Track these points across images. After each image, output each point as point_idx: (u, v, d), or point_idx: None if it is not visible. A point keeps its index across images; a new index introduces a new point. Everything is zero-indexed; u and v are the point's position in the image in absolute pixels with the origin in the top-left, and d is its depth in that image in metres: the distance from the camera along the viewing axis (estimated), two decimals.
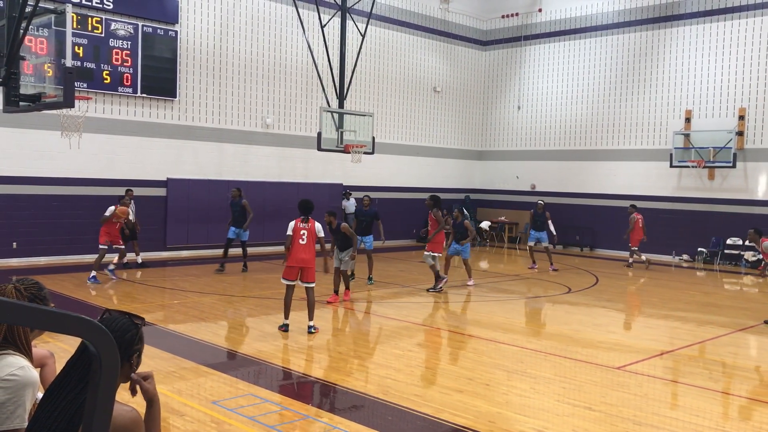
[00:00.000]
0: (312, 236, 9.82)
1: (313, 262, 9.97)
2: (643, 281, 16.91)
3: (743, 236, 20.15)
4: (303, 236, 9.78)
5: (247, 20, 19.59)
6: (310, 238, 9.81)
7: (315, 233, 9.84)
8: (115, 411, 1.87)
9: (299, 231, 9.81)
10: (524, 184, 25.37)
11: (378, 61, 23.09)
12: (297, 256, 9.78)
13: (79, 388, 2.26)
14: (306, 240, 9.79)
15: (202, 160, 18.76)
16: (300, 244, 9.78)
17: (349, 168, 21.12)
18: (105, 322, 2.49)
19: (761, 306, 13.73)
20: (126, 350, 2.51)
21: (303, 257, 9.79)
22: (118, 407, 2.29)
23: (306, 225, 9.85)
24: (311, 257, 9.88)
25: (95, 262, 13.70)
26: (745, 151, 20.11)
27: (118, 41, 16.86)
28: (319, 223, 9.98)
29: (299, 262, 9.81)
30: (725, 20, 20.71)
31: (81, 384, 2.25)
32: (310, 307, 9.94)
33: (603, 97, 23.40)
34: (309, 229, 9.82)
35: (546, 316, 12.45)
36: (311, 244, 9.85)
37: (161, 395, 6.76)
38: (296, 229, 9.83)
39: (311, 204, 10.07)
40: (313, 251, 9.91)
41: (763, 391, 7.66)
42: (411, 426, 6.33)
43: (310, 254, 9.86)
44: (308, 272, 9.88)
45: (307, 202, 10.06)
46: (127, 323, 2.57)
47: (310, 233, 9.81)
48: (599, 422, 6.40)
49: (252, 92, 19.78)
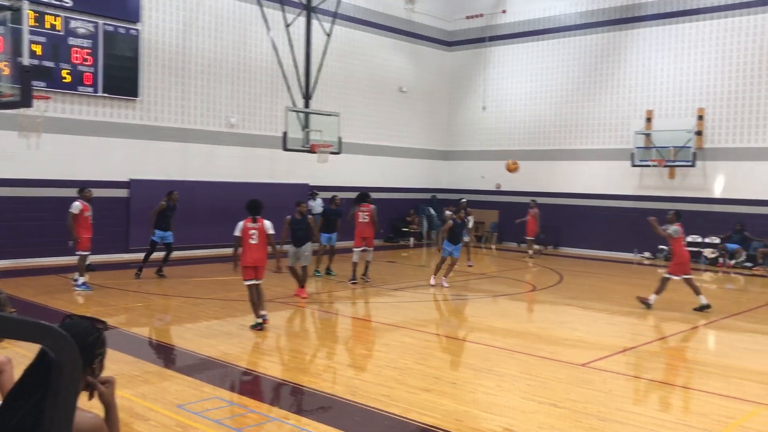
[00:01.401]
0: (262, 235, 9.92)
1: (265, 260, 10.10)
2: (606, 279, 17.16)
3: (703, 234, 20.60)
4: (253, 236, 9.90)
5: (210, 19, 19.40)
6: (261, 237, 9.91)
7: (265, 231, 9.92)
8: (76, 418, 1.84)
9: (249, 231, 9.91)
10: (489, 184, 25.56)
11: (344, 60, 23.05)
12: (251, 256, 9.92)
13: (39, 394, 2.20)
14: (257, 239, 9.90)
15: (166, 160, 18.52)
16: (251, 243, 9.89)
17: (315, 168, 21.02)
18: (66, 327, 2.44)
19: (721, 302, 14.03)
20: (88, 355, 2.47)
21: (256, 256, 9.94)
22: (80, 414, 2.25)
23: (255, 225, 9.94)
24: (263, 256, 10.03)
25: (80, 267, 12.99)
26: (704, 151, 20.54)
27: (78, 40, 16.55)
28: (268, 222, 10.03)
29: (254, 261, 9.94)
30: (685, 22, 21.13)
31: (41, 391, 2.20)
32: (260, 301, 10.09)
33: (566, 98, 23.69)
34: (259, 229, 9.92)
35: (512, 314, 12.55)
36: (263, 243, 9.96)
37: (125, 400, 6.69)
38: (245, 229, 9.93)
39: (259, 203, 10.15)
40: (265, 250, 10.03)
41: (722, 385, 7.83)
42: (379, 426, 6.33)
43: (263, 253, 10.00)
44: (261, 270, 10.05)
45: (256, 202, 10.13)
46: (89, 327, 2.52)
47: (260, 232, 9.91)
48: (564, 419, 6.47)
49: (216, 92, 19.59)
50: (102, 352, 2.55)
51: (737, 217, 19.96)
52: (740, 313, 12.57)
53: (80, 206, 12.89)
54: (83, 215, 12.91)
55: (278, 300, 12.67)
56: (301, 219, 12.76)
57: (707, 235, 20.56)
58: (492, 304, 13.36)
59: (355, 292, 13.95)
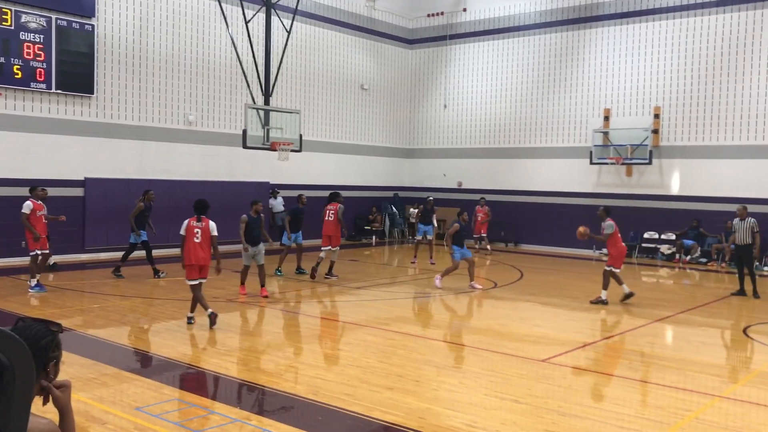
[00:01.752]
0: (206, 235, 10.01)
1: (209, 260, 10.16)
2: (566, 276, 17.38)
3: (660, 230, 21.03)
4: (197, 235, 10.00)
5: (168, 14, 19.09)
6: (205, 236, 10.01)
7: (209, 232, 10.01)
8: (30, 424, 1.77)
9: (193, 230, 10.01)
10: (451, 182, 25.69)
11: (304, 57, 22.91)
12: (195, 255, 10.01)
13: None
14: (200, 238, 9.99)
15: (122, 158, 18.17)
16: (195, 242, 9.98)
17: (276, 166, 20.86)
18: (18, 331, 2.35)
19: (677, 297, 14.34)
20: (41, 359, 2.38)
21: (200, 255, 10.03)
22: (34, 420, 2.17)
23: (200, 224, 10.04)
24: (208, 255, 10.11)
25: (32, 269, 12.59)
26: (660, 149, 20.96)
27: (30, 34, 16.13)
28: (213, 222, 10.11)
29: (198, 260, 10.03)
30: (641, 22, 21.52)
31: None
32: (196, 301, 10.17)
33: (526, 96, 23.93)
34: (203, 228, 10.02)
35: (474, 312, 12.63)
36: (206, 243, 10.04)
37: (81, 403, 6.53)
38: (189, 228, 10.05)
39: (205, 203, 10.26)
40: (209, 249, 10.10)
41: (679, 378, 7.99)
42: (341, 425, 6.30)
43: (207, 252, 10.08)
44: (206, 269, 10.16)
45: (201, 202, 10.25)
46: (43, 330, 2.43)
47: (204, 232, 10.01)
48: (526, 414, 6.52)
49: (174, 89, 19.29)
50: (57, 356, 2.47)
51: (693, 213, 20.42)
52: (696, 308, 12.85)
53: (31, 205, 12.57)
54: (35, 215, 12.58)
55: (238, 300, 12.54)
56: (257, 218, 12.78)
57: (663, 231, 20.99)
58: (454, 301, 13.42)
59: (317, 291, 13.88)
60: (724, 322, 11.89)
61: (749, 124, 19.59)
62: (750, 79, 19.58)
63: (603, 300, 12.77)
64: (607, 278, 12.86)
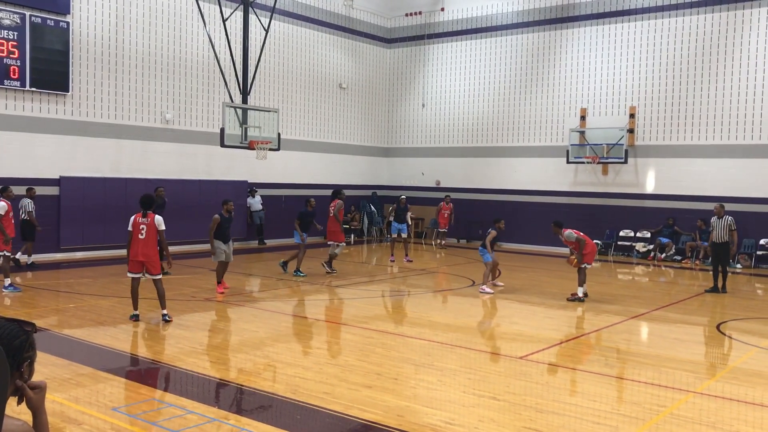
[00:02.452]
0: (152, 230, 10.07)
1: (156, 255, 10.21)
2: (543, 273, 17.51)
3: (635, 228, 21.26)
4: (142, 231, 10.06)
5: (144, 12, 18.91)
6: (150, 232, 10.06)
7: (155, 227, 10.08)
8: (4, 426, 1.75)
9: (138, 226, 10.08)
10: (429, 181, 25.75)
11: (282, 56, 22.83)
12: (139, 250, 10.08)
13: None
14: (145, 234, 10.05)
15: (98, 157, 17.98)
16: (140, 238, 10.06)
17: (254, 165, 20.76)
18: None
19: (652, 294, 14.51)
20: (15, 359, 2.35)
21: (144, 251, 10.09)
22: (8, 421, 2.14)
23: (145, 220, 10.10)
24: (153, 251, 10.16)
25: (5, 269, 12.51)
26: (636, 148, 21.18)
27: (3, 31, 15.90)
28: (159, 217, 10.17)
29: (141, 256, 10.08)
30: (617, 23, 21.73)
31: None
32: (160, 297, 10.25)
33: (503, 95, 24.06)
34: (148, 224, 10.08)
35: (452, 309, 12.67)
36: (151, 238, 10.09)
37: (56, 404, 6.46)
38: (135, 224, 10.12)
39: (151, 198, 10.35)
40: (154, 245, 10.16)
41: (654, 375, 8.09)
42: (320, 424, 6.29)
43: (152, 248, 10.14)
44: (151, 265, 10.17)
45: (147, 197, 10.35)
46: (16, 330, 2.40)
47: (149, 227, 10.07)
48: (504, 411, 6.56)
49: (150, 87, 19.11)
50: (31, 356, 2.44)
51: (667, 212, 20.68)
52: (671, 305, 13.01)
53: (6, 206, 12.53)
54: (8, 215, 12.59)
55: (216, 299, 12.48)
56: (228, 217, 12.92)
57: (639, 229, 21.22)
58: (432, 299, 13.46)
59: (295, 290, 13.84)
60: (699, 319, 12.05)
61: (723, 123, 19.87)
62: (724, 80, 19.85)
63: (579, 297, 12.90)
64: (583, 275, 13.01)
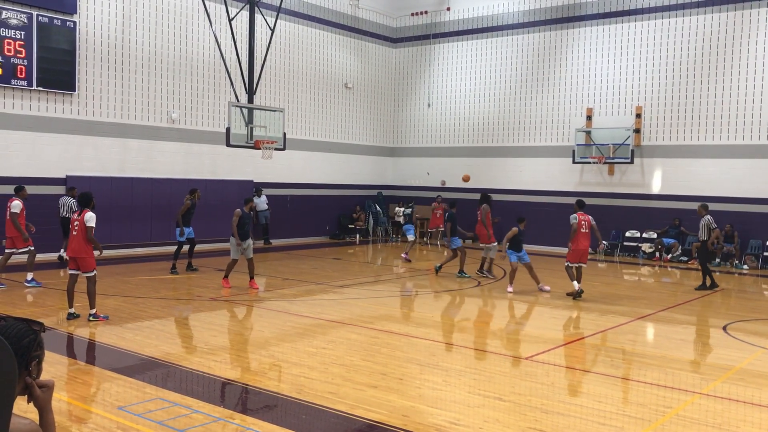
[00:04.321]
0: (82, 227, 10.15)
1: (85, 251, 10.23)
2: (549, 274, 17.47)
3: (641, 229, 21.21)
4: (75, 227, 10.19)
5: (150, 11, 18.95)
6: (81, 228, 10.16)
7: (84, 224, 10.16)
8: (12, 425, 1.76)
9: (73, 222, 10.26)
10: (435, 180, 25.73)
11: (288, 56, 22.85)
12: (69, 246, 10.32)
13: None
14: (77, 231, 10.18)
15: (104, 156, 18.03)
16: (72, 234, 10.22)
17: (259, 164, 20.80)
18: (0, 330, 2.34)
19: (658, 295, 14.47)
20: (23, 358, 2.36)
21: (74, 247, 10.22)
22: (16, 420, 2.15)
23: (78, 217, 10.23)
24: (82, 247, 10.20)
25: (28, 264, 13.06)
26: (642, 148, 21.13)
27: (11, 31, 15.95)
28: (90, 214, 10.24)
29: (72, 252, 10.25)
30: (624, 22, 21.68)
31: None
32: (89, 295, 10.28)
33: (509, 95, 24.03)
34: (80, 220, 10.18)
35: (457, 310, 12.67)
36: (82, 235, 10.16)
37: (63, 403, 6.49)
38: (72, 221, 10.34)
39: (86, 196, 10.39)
40: (83, 241, 10.18)
41: (660, 376, 8.07)
42: (325, 424, 6.30)
43: (81, 244, 10.19)
44: (82, 262, 10.23)
45: (83, 194, 10.44)
46: (25, 329, 2.41)
47: (80, 224, 10.17)
48: (509, 412, 6.56)
49: (157, 86, 19.16)
50: (39, 355, 2.45)
51: (673, 212, 20.62)
52: (676, 306, 12.98)
53: (20, 205, 12.94)
54: (22, 214, 13.03)
55: (222, 299, 12.50)
56: (248, 214, 13.33)
57: (645, 230, 21.17)
58: (437, 299, 13.45)
59: (300, 289, 13.85)
60: (705, 320, 12.02)
61: (730, 123, 19.80)
62: (731, 80, 19.79)
63: (577, 292, 13.04)
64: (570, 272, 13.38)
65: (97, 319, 10.22)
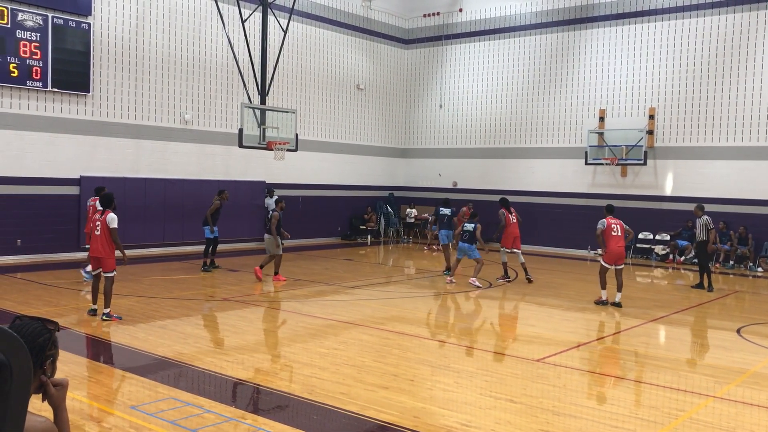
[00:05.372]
0: (104, 227, 10.21)
1: (107, 252, 10.29)
2: (561, 276, 17.42)
3: (654, 231, 21.09)
4: (98, 228, 10.26)
5: (164, 13, 19.06)
6: (103, 229, 10.22)
7: (107, 225, 10.22)
8: (27, 422, 1.78)
9: (95, 222, 10.33)
10: (446, 182, 25.71)
11: (300, 57, 22.91)
12: (92, 246, 10.42)
13: None
14: (99, 231, 10.24)
15: (118, 157, 18.15)
16: (95, 235, 10.30)
17: (271, 165, 20.87)
18: (16, 329, 2.36)
19: (670, 297, 14.39)
20: (38, 356, 2.39)
21: (95, 247, 10.31)
22: (31, 418, 2.18)
23: (100, 217, 10.29)
24: (104, 248, 10.27)
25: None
26: (655, 149, 21.02)
27: (26, 33, 16.10)
28: (112, 215, 10.29)
29: (94, 252, 10.34)
30: (637, 23, 21.58)
31: None
32: (105, 295, 10.32)
33: (521, 96, 23.97)
34: (102, 221, 10.25)
35: (468, 311, 12.65)
36: (104, 235, 10.23)
37: (76, 402, 6.53)
38: (93, 220, 10.43)
39: (107, 197, 10.47)
40: (106, 242, 10.26)
41: (673, 379, 8.03)
42: (337, 424, 6.31)
43: (103, 245, 10.26)
44: (103, 262, 10.31)
45: (105, 195, 10.51)
46: (40, 328, 2.44)
47: (102, 224, 10.23)
48: (521, 414, 6.55)
49: (170, 87, 19.26)
50: (53, 354, 2.47)
51: (687, 214, 20.44)
52: (690, 308, 12.90)
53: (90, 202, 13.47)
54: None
55: (234, 299, 12.55)
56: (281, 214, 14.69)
57: (658, 232, 21.05)
58: (449, 301, 13.44)
59: (312, 290, 13.88)
60: (719, 323, 11.94)
61: (743, 125, 19.66)
62: (745, 81, 19.65)
63: (604, 301, 12.83)
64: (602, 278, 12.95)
65: (110, 318, 10.28)
